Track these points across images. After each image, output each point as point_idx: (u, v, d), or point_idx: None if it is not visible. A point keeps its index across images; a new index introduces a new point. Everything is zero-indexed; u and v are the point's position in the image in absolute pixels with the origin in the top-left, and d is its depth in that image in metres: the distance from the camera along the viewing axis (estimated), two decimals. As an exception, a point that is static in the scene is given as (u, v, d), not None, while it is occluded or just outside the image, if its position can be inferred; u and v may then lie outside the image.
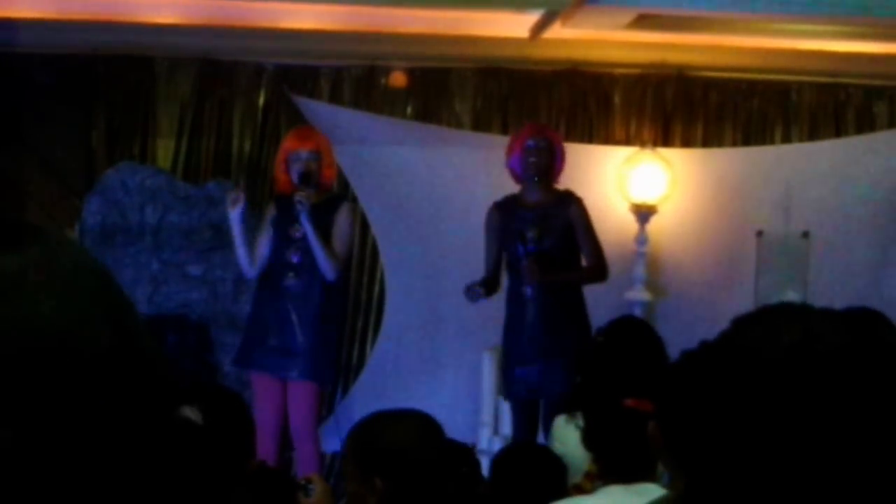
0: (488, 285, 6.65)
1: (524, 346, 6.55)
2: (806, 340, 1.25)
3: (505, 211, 6.70)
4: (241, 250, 6.55)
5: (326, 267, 6.45)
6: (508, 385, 6.68)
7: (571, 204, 6.68)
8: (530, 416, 6.56)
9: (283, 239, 6.54)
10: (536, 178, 6.64)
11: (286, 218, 6.54)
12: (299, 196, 6.38)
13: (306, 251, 6.48)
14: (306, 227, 6.41)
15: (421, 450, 3.27)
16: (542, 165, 6.63)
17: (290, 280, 6.49)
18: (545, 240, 6.54)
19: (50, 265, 0.89)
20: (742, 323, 1.31)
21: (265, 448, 6.27)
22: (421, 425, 3.35)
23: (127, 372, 0.88)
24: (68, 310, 0.87)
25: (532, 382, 6.53)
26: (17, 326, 0.85)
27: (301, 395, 6.52)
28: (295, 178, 6.47)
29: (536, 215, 6.61)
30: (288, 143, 6.64)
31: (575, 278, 6.65)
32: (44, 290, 0.87)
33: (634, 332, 5.43)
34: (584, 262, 6.69)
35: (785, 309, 1.32)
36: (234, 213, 6.47)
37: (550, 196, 6.69)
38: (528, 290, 6.57)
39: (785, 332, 1.27)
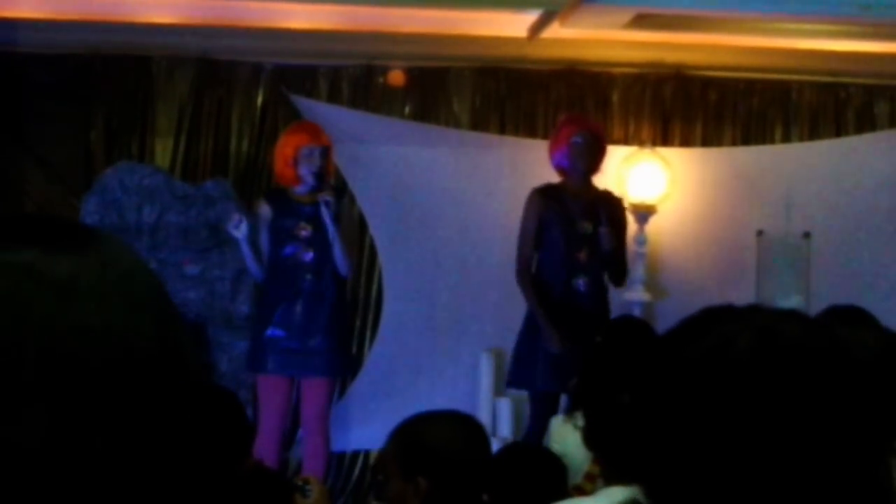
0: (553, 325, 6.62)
1: (560, 338, 6.51)
2: (759, 345, 1.25)
3: (551, 198, 6.72)
4: (253, 265, 6.56)
5: (344, 263, 6.50)
6: (530, 377, 6.63)
7: (619, 204, 6.89)
8: (551, 409, 6.54)
9: (290, 238, 6.52)
10: (585, 173, 6.73)
11: (288, 217, 6.53)
12: (326, 197, 6.40)
13: (319, 249, 6.48)
14: (331, 228, 6.42)
15: (466, 451, 3.29)
16: (591, 160, 6.75)
17: (308, 280, 6.49)
18: (597, 231, 6.60)
19: (103, 272, 0.88)
20: (692, 327, 1.30)
21: (268, 448, 6.27)
22: (466, 427, 3.38)
23: (170, 383, 0.89)
24: (118, 318, 0.87)
25: (562, 376, 6.50)
26: (65, 331, 0.85)
27: (317, 390, 6.54)
28: (310, 177, 6.48)
29: (587, 208, 6.67)
30: (298, 139, 6.59)
31: (614, 265, 6.72)
32: (95, 297, 0.87)
33: (633, 331, 5.44)
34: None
35: (735, 311, 1.31)
36: (241, 236, 6.46)
37: (594, 190, 6.79)
38: (580, 284, 6.59)
39: (741, 339, 1.26)
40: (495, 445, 6.78)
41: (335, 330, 6.55)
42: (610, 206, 6.80)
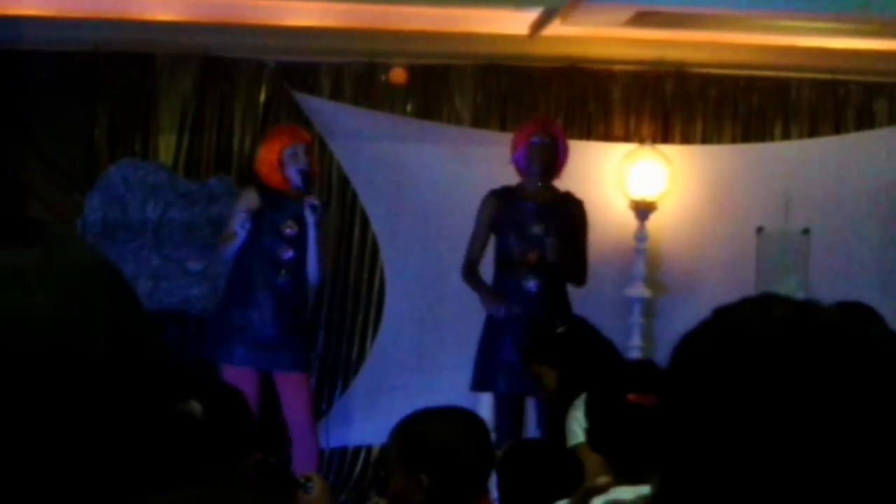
0: (486, 288, 6.72)
1: (514, 341, 6.56)
2: (797, 317, 1.22)
3: (504, 200, 6.74)
4: (231, 254, 6.56)
5: (317, 271, 6.49)
6: (492, 379, 6.69)
7: (575, 205, 6.77)
8: (517, 411, 6.59)
9: (275, 235, 6.52)
10: (540, 175, 6.70)
11: (278, 212, 6.52)
12: (313, 201, 6.41)
13: (299, 249, 6.48)
14: (312, 233, 6.42)
15: (468, 447, 3.33)
16: (546, 162, 6.70)
17: (283, 277, 6.50)
18: (549, 236, 6.59)
19: (52, 263, 0.89)
20: (727, 307, 1.28)
21: None
22: (468, 424, 3.42)
23: (125, 374, 0.88)
24: (64, 309, 0.87)
25: (521, 378, 6.55)
26: (8, 321, 0.85)
27: (296, 387, 6.53)
28: (297, 179, 6.46)
29: (540, 210, 6.66)
30: (280, 141, 6.57)
31: (567, 269, 6.67)
32: (41, 287, 0.86)
33: (585, 324, 5.54)
34: None
35: (772, 295, 1.29)
36: (244, 235, 6.46)
37: (552, 193, 6.75)
38: (531, 286, 6.60)
39: (775, 310, 1.24)
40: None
41: (300, 328, 6.57)
42: (565, 210, 6.72)
